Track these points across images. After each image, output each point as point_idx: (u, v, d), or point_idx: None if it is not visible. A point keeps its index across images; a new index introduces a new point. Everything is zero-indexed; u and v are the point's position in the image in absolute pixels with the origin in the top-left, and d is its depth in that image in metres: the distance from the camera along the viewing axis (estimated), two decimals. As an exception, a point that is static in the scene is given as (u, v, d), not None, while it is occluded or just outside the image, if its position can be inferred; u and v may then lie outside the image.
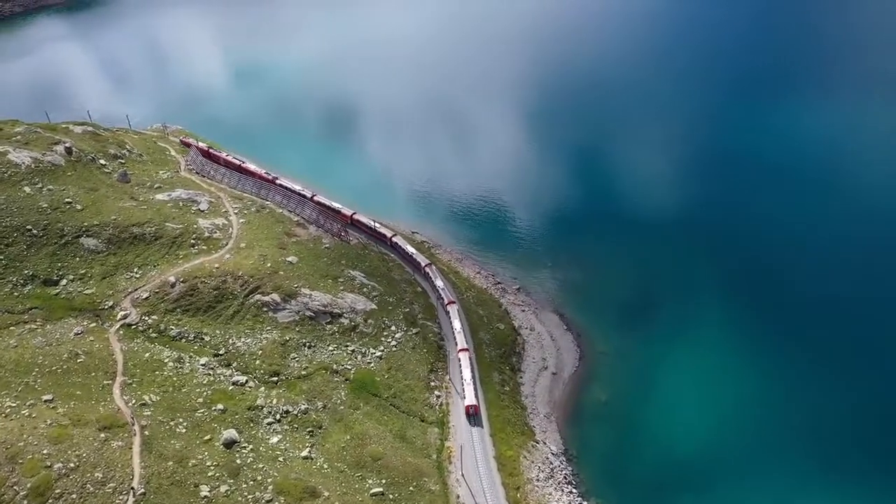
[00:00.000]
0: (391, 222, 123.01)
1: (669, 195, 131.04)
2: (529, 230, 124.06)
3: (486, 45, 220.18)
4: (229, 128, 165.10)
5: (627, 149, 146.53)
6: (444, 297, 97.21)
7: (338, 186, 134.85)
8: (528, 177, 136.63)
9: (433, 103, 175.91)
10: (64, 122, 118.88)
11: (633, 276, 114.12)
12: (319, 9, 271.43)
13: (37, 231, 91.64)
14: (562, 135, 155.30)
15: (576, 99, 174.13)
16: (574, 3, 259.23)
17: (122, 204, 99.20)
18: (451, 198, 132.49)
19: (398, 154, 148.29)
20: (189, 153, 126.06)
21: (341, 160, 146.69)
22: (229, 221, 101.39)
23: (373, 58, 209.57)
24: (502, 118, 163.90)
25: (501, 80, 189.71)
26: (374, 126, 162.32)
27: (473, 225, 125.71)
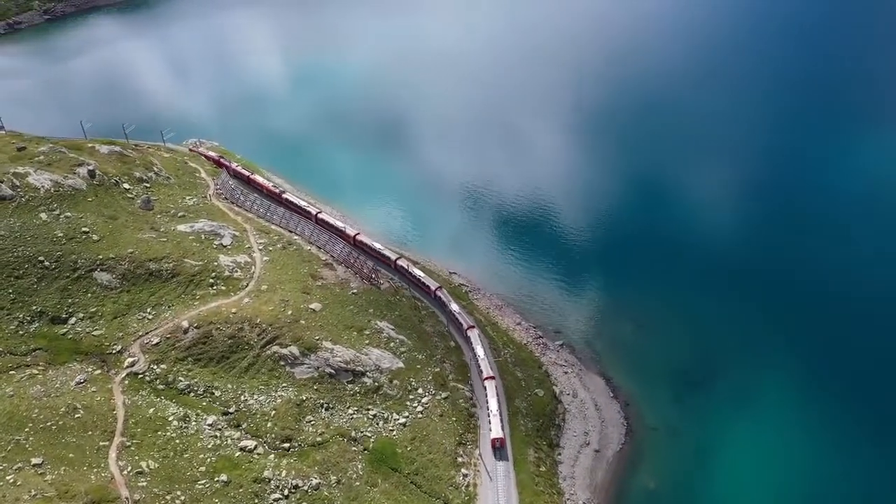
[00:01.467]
0: (429, 261, 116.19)
1: (734, 242, 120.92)
2: (577, 276, 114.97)
3: (542, 56, 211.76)
4: (270, 142, 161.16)
5: (689, 184, 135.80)
6: (462, 323, 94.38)
7: (378, 218, 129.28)
8: (577, 216, 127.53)
9: (481, 123, 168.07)
10: (91, 140, 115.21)
11: (691, 335, 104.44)
12: (377, 16, 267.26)
13: (49, 263, 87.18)
14: (617, 166, 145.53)
15: (633, 123, 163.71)
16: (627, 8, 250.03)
17: (141, 235, 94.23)
18: (495, 235, 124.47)
19: (441, 183, 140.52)
20: (220, 176, 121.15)
21: (383, 187, 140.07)
22: (252, 259, 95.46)
23: (424, 68, 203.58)
24: (554, 143, 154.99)
25: (556, 98, 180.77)
26: (419, 148, 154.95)
27: (516, 267, 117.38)
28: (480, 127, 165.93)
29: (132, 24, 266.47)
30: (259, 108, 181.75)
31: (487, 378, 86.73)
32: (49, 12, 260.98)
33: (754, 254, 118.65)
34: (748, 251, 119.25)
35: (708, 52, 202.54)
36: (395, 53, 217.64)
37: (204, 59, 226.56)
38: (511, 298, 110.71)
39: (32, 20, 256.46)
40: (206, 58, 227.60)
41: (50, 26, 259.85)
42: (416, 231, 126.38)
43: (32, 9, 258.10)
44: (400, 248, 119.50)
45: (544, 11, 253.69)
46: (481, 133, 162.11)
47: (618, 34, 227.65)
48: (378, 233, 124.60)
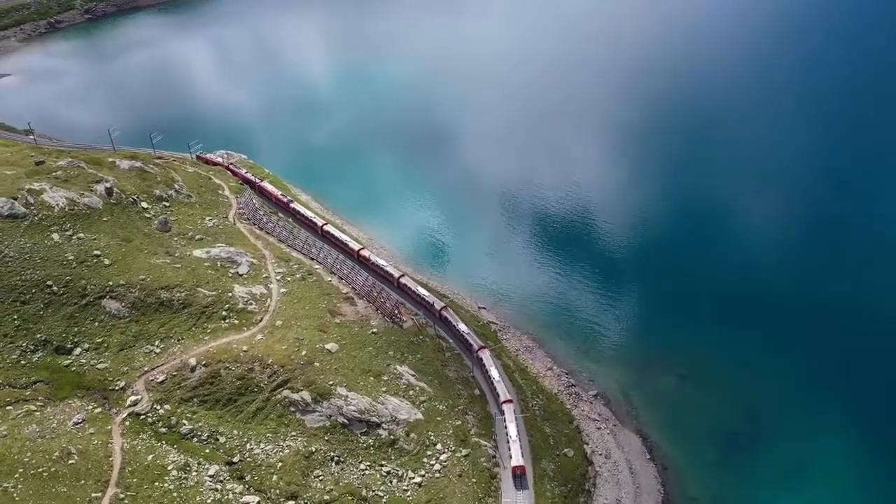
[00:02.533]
0: (457, 293, 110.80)
1: (792, 284, 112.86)
2: (615, 317, 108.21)
3: (594, 63, 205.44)
4: (302, 156, 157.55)
5: (744, 216, 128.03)
6: (472, 344, 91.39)
7: (406, 242, 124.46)
8: (618, 250, 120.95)
9: (524, 140, 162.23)
10: (113, 154, 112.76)
11: (739, 389, 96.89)
12: (424, 20, 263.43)
13: (57, 288, 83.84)
14: (663, 194, 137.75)
15: (684, 143, 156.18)
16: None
17: (155, 260, 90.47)
18: (528, 267, 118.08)
19: (478, 207, 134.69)
20: (244, 194, 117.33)
21: (416, 208, 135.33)
22: (269, 290, 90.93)
23: (470, 76, 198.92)
24: (597, 166, 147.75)
25: (604, 113, 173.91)
26: (458, 166, 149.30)
27: (550, 304, 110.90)
28: (523, 144, 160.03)
29: (171, 25, 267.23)
30: (294, 117, 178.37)
31: (505, 402, 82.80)
32: (90, 12, 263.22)
33: (814, 298, 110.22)
34: (807, 295, 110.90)
35: (773, 63, 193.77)
36: (440, 60, 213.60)
37: (241, 64, 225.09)
38: (543, 339, 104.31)
39: (74, 19, 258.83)
40: (243, 63, 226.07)
41: (91, 26, 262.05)
42: (446, 259, 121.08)
43: (74, 8, 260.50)
44: (424, 276, 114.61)
45: (603, 12, 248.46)
46: (523, 151, 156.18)
47: (679, 38, 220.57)
48: (405, 259, 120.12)
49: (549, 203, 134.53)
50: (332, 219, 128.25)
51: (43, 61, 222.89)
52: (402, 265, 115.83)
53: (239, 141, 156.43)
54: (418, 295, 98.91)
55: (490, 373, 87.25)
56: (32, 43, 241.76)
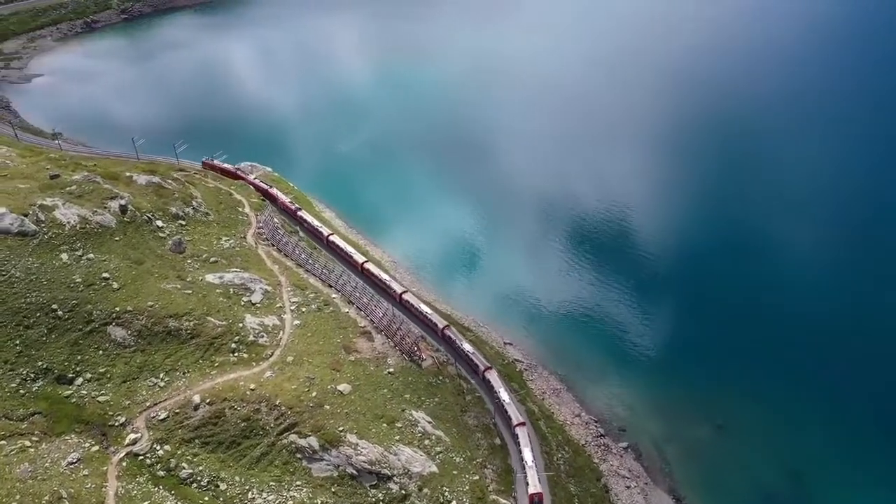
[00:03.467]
0: (481, 326, 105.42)
1: (847, 324, 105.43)
2: (650, 359, 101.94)
3: (640, 71, 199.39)
4: (329, 168, 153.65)
5: (792, 246, 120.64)
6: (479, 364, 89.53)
7: (433, 269, 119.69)
8: (656, 284, 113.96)
9: (563, 155, 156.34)
10: (131, 168, 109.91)
11: (784, 443, 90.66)
12: (463, 21, 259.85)
13: (62, 312, 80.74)
14: (707, 222, 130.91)
15: (738, 160, 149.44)
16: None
17: (165, 285, 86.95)
18: (561, 299, 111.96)
19: (509, 231, 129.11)
20: (264, 211, 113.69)
21: (444, 230, 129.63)
22: (282, 322, 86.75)
23: (510, 84, 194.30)
24: (642, 185, 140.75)
25: (649, 125, 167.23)
26: (489, 182, 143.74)
27: (581, 341, 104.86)
28: (562, 158, 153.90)
29: (206, 26, 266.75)
30: (324, 127, 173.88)
31: (518, 425, 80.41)
32: (126, 12, 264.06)
33: (868, 342, 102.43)
34: (861, 337, 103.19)
35: (832, 77, 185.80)
36: (479, 65, 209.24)
37: (273, 68, 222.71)
38: (572, 380, 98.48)
39: (110, 19, 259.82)
40: (276, 67, 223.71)
41: (126, 26, 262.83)
42: (473, 286, 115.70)
43: (111, 7, 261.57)
44: (450, 305, 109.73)
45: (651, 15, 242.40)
46: (561, 167, 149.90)
47: (726, 45, 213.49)
48: (429, 284, 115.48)
49: (585, 228, 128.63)
50: (356, 238, 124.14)
51: (76, 62, 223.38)
52: (426, 292, 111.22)
53: (266, 152, 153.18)
54: (421, 312, 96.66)
55: (500, 395, 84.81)
56: (68, 42, 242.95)
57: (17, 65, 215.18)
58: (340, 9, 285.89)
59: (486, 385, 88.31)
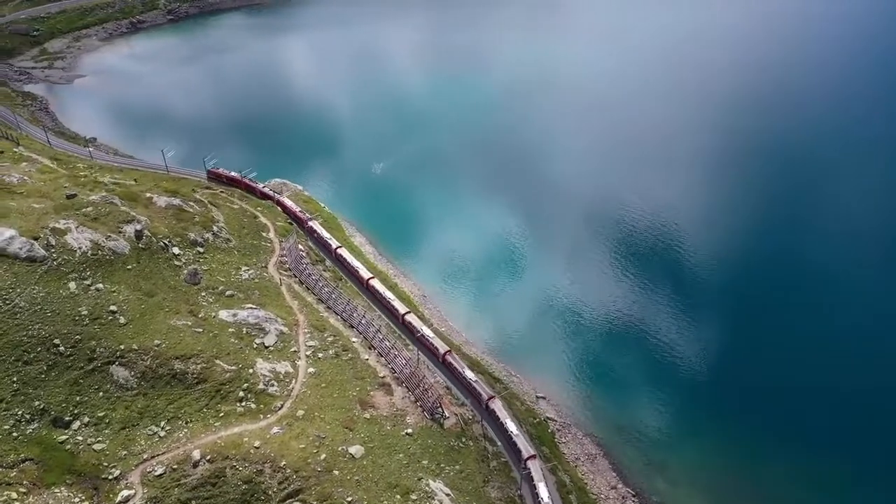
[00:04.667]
0: (512, 375, 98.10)
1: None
2: (697, 423, 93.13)
3: (700, 86, 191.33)
4: (365, 189, 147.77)
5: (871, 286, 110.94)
6: (482, 393, 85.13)
7: (466, 307, 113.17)
8: (711, 340, 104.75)
9: (623, 174, 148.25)
10: (151, 188, 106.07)
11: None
12: (516, 30, 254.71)
13: (65, 348, 76.64)
14: (773, 258, 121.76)
15: (805, 189, 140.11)
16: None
17: (175, 322, 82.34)
18: (606, 349, 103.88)
19: (552, 265, 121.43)
20: (289, 238, 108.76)
21: (483, 264, 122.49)
22: (295, 369, 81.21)
23: (564, 93, 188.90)
24: (706, 214, 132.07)
25: (723, 146, 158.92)
26: (538, 214, 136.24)
27: (622, 399, 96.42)
28: (612, 186, 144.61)
29: (251, 29, 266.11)
30: (363, 143, 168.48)
31: (529, 458, 76.73)
32: (172, 13, 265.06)
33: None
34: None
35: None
36: (532, 75, 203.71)
37: (313, 76, 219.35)
38: (609, 444, 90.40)
39: (155, 20, 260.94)
40: (317, 75, 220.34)
41: (172, 27, 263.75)
42: (506, 329, 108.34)
43: (157, 8, 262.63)
44: (479, 349, 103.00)
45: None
46: (609, 197, 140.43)
47: (793, 62, 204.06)
48: (460, 325, 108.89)
49: (637, 269, 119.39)
50: (385, 268, 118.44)
51: (119, 63, 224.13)
52: (455, 334, 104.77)
53: (298, 168, 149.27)
54: (424, 336, 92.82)
55: (507, 426, 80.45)
56: (113, 42, 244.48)
57: (60, 65, 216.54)
58: (386, 15, 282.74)
59: (492, 416, 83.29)
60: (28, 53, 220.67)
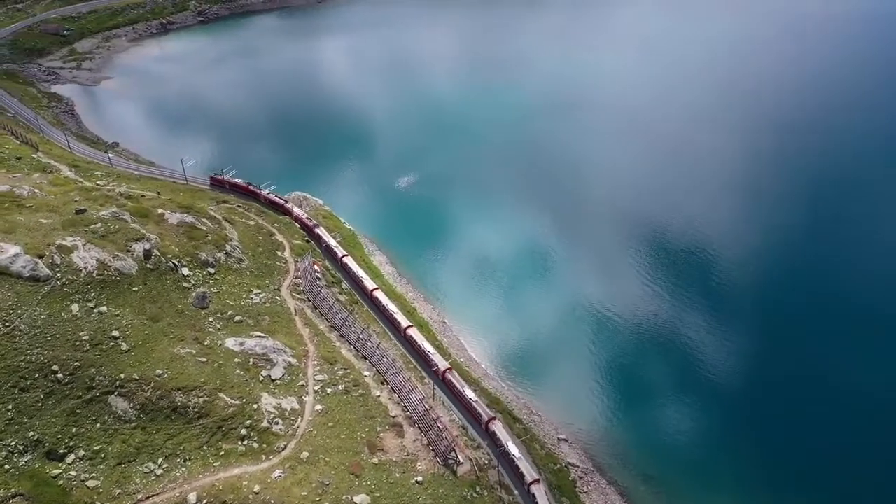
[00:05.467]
0: (537, 415, 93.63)
1: None
2: (731, 476, 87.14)
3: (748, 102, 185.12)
4: (391, 205, 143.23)
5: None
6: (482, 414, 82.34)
7: (488, 333, 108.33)
8: (751, 381, 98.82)
9: (667, 208, 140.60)
10: (164, 202, 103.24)
11: None
12: (561, 37, 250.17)
13: (63, 375, 73.76)
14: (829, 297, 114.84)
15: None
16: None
17: (179, 350, 79.14)
18: (638, 386, 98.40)
19: (586, 294, 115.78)
20: (304, 258, 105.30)
21: (512, 285, 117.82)
22: (301, 406, 77.43)
23: (608, 107, 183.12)
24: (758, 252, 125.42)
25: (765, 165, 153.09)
26: (573, 234, 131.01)
27: (654, 444, 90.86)
28: (658, 212, 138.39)
29: (280, 33, 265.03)
30: (389, 155, 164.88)
31: (533, 483, 75.07)
32: (203, 14, 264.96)
33: None
34: None
35: None
36: (574, 86, 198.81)
37: (340, 83, 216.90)
38: (635, 495, 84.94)
39: (185, 21, 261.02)
40: (344, 82, 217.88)
41: (201, 29, 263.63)
42: (529, 362, 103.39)
43: (188, 9, 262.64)
44: (500, 383, 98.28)
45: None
46: (655, 224, 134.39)
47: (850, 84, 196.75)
48: (483, 354, 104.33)
49: (673, 305, 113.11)
50: (403, 290, 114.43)
51: (146, 66, 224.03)
52: (474, 366, 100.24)
53: (320, 181, 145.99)
54: (424, 350, 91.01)
55: (508, 448, 77.21)
56: (142, 43, 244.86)
57: (88, 65, 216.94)
58: (421, 18, 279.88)
59: (492, 437, 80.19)
60: (57, 53, 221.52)
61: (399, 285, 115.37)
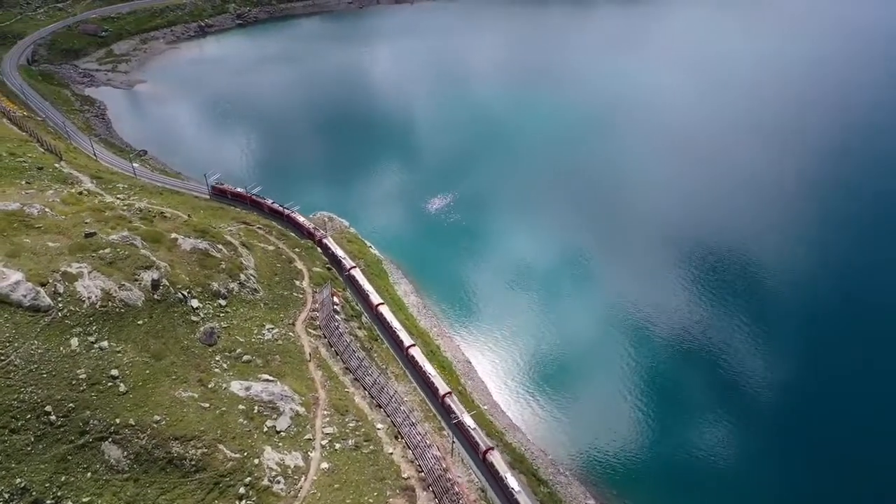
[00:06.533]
0: (564, 470, 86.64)
1: None
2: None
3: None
4: (424, 231, 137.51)
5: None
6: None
7: (519, 381, 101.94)
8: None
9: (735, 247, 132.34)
10: (180, 227, 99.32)
11: None
12: (614, 50, 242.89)
13: (56, 417, 69.90)
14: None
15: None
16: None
17: (180, 393, 74.79)
18: (679, 443, 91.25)
19: (634, 342, 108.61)
20: (323, 289, 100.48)
21: (543, 325, 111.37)
22: (307, 462, 72.25)
23: (651, 128, 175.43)
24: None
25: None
26: (626, 269, 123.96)
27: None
28: (705, 248, 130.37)
29: (319, 38, 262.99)
30: (430, 173, 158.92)
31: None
32: (241, 17, 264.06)
33: None
34: None
35: None
36: (627, 100, 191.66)
37: (377, 92, 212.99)
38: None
39: (223, 24, 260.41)
40: (381, 91, 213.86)
41: (239, 32, 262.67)
42: (563, 414, 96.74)
43: (227, 12, 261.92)
44: (520, 438, 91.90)
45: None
46: (703, 262, 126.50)
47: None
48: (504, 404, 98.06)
49: (724, 355, 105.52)
50: (426, 326, 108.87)
51: (182, 69, 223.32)
52: (500, 416, 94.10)
53: (348, 201, 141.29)
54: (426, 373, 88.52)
55: (508, 482, 73.65)
56: (179, 46, 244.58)
57: (123, 68, 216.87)
58: (465, 24, 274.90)
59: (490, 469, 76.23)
60: (94, 54, 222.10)
61: (424, 319, 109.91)
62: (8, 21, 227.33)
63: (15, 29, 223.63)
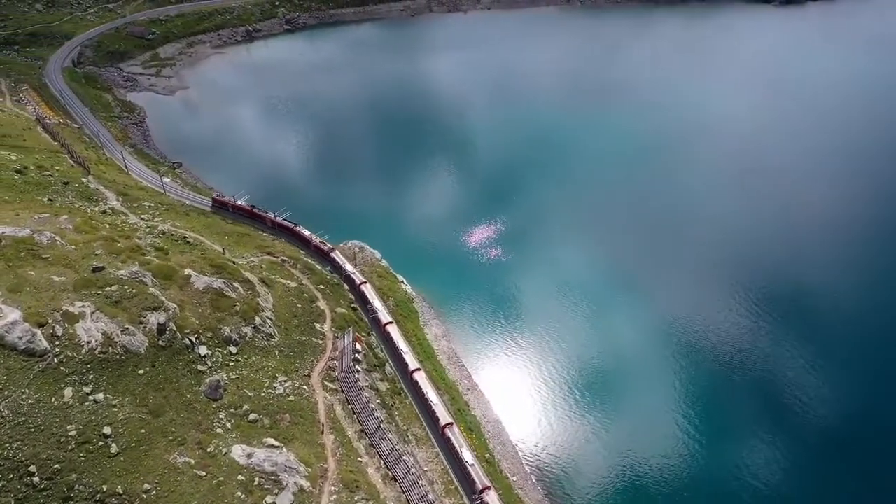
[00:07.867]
0: None
1: None
2: None
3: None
4: (460, 267, 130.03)
5: None
6: None
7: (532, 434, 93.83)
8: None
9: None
10: (192, 261, 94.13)
11: None
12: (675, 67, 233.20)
13: (40, 479, 64.96)
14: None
15: None
16: None
17: (175, 458, 69.19)
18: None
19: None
20: (345, 335, 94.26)
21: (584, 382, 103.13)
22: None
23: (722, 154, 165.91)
24: None
25: None
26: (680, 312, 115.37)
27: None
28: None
29: (370, 47, 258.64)
30: (477, 201, 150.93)
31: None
32: (290, 22, 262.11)
33: None
34: None
35: None
36: (696, 129, 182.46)
37: (431, 108, 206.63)
38: None
39: (272, 29, 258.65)
40: (434, 108, 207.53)
41: (287, 38, 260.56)
42: (589, 486, 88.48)
43: (276, 16, 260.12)
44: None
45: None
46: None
47: None
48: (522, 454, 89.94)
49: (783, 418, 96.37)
50: (454, 376, 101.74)
51: (226, 77, 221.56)
52: (531, 487, 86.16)
53: (383, 230, 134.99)
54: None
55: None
56: (224, 51, 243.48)
57: (167, 72, 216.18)
58: (517, 35, 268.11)
59: None
60: (139, 58, 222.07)
61: (453, 369, 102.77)
62: (58, 21, 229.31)
63: (64, 29, 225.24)
